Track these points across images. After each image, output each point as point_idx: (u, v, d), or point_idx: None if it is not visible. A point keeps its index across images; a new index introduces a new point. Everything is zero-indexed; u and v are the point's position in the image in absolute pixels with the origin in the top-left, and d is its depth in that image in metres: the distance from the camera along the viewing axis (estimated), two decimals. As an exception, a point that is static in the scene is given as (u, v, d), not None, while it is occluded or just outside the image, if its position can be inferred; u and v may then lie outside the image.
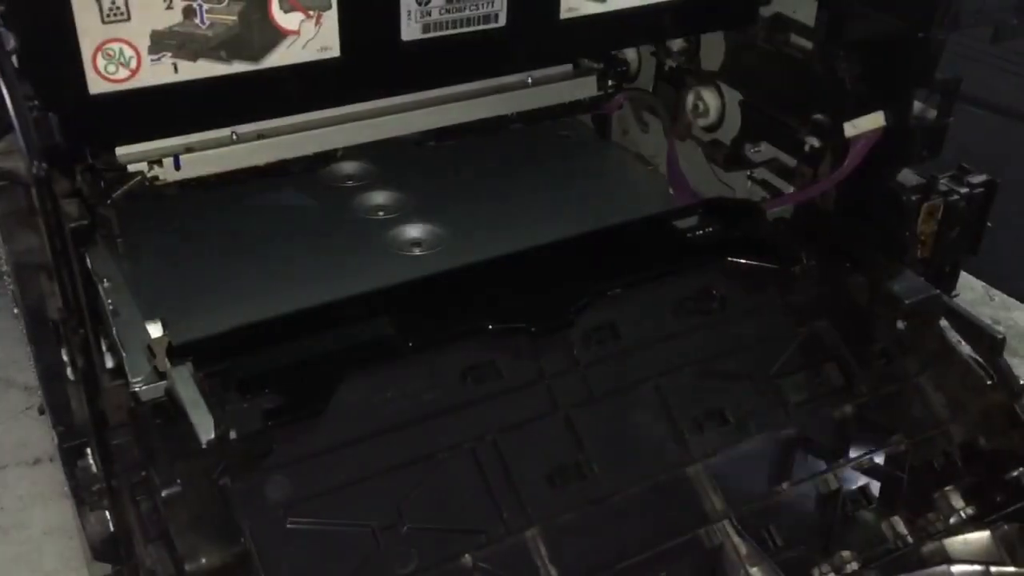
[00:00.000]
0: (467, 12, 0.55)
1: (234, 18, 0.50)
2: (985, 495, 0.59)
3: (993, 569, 0.55)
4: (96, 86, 0.48)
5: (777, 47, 0.65)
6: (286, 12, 0.51)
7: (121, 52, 0.48)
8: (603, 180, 0.80)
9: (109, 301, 0.53)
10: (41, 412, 0.82)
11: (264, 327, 0.58)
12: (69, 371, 0.55)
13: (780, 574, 0.52)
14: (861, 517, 0.58)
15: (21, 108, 0.43)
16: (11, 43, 0.45)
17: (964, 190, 0.63)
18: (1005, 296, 1.02)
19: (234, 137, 0.60)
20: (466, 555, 0.50)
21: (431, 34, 0.55)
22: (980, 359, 0.59)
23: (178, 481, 0.46)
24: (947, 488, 0.59)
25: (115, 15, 0.47)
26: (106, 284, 0.55)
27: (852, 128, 0.60)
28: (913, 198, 0.61)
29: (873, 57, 0.60)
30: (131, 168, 0.58)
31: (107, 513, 0.56)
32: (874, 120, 0.60)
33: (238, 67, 0.51)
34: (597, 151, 0.83)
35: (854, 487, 0.58)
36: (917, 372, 0.61)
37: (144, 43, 0.48)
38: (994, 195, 0.64)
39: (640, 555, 0.53)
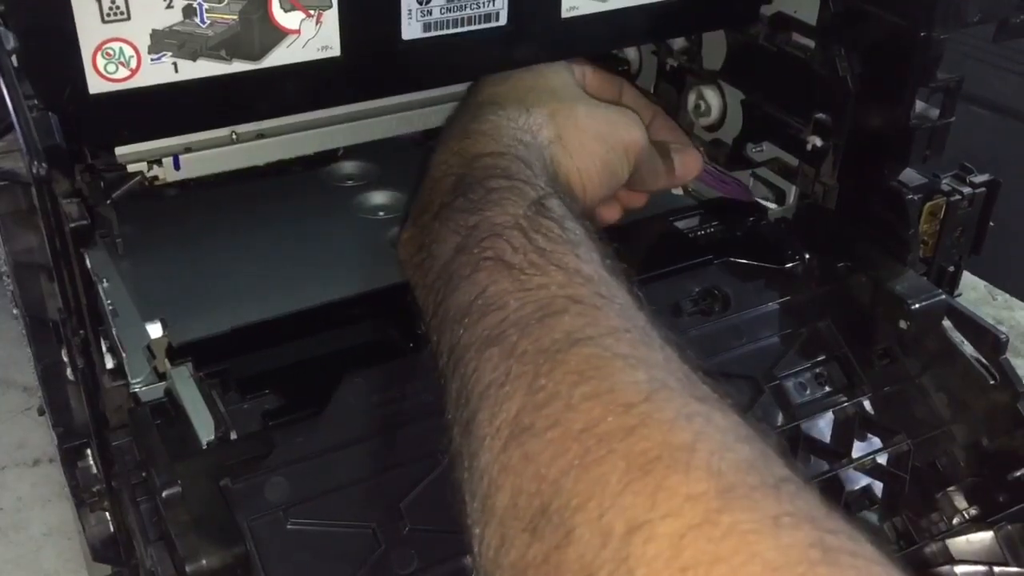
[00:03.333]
0: (468, 11, 0.55)
1: (234, 17, 0.49)
2: (988, 495, 0.58)
3: (996, 570, 0.55)
4: (96, 86, 0.48)
5: (778, 46, 0.65)
6: (286, 11, 0.50)
7: (121, 51, 0.48)
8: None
9: (109, 301, 0.53)
10: (40, 413, 0.82)
11: (264, 327, 0.58)
12: (69, 372, 0.55)
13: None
14: (864, 518, 0.58)
15: (21, 108, 0.43)
16: (11, 42, 0.45)
17: (967, 190, 0.63)
18: (1008, 296, 1.02)
19: (234, 137, 0.60)
20: (467, 556, 0.50)
21: (432, 33, 0.55)
22: (983, 359, 0.59)
23: (178, 482, 0.46)
24: (950, 488, 0.59)
25: (115, 14, 0.47)
26: (106, 284, 0.54)
27: None
28: (915, 198, 0.61)
29: (875, 56, 0.60)
30: (130, 168, 0.58)
31: (107, 514, 0.56)
32: None
33: (238, 67, 0.51)
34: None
35: (857, 488, 0.58)
36: (919, 372, 0.61)
37: (144, 42, 0.48)
38: (996, 195, 0.64)
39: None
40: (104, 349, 0.51)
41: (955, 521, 0.58)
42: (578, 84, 0.61)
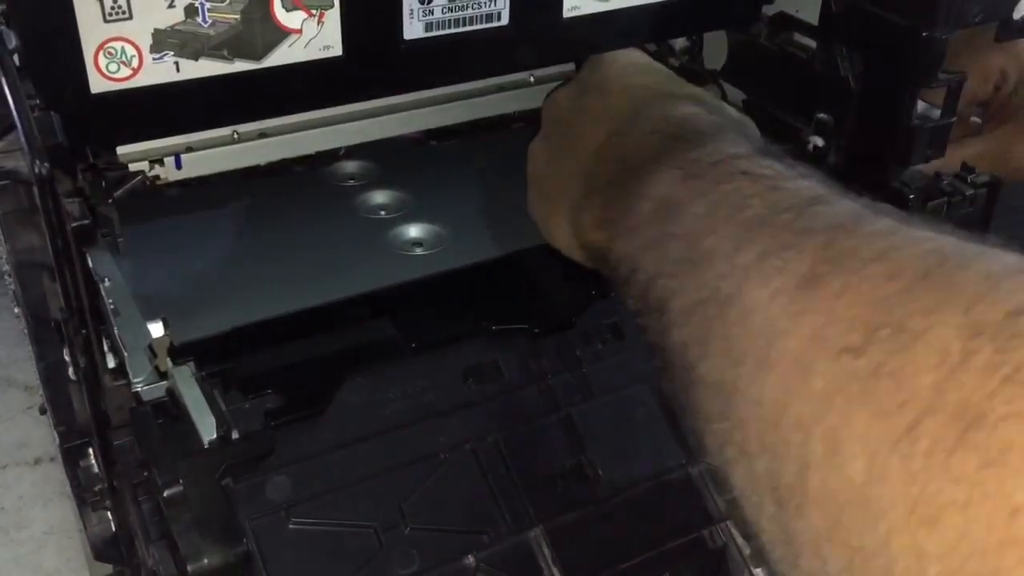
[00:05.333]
0: (469, 11, 0.55)
1: (236, 17, 0.49)
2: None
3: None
4: (98, 85, 0.48)
5: (780, 46, 0.65)
6: (288, 11, 0.51)
7: (123, 51, 0.48)
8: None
9: (110, 301, 0.53)
10: (42, 412, 0.82)
11: (265, 327, 0.58)
12: (71, 371, 0.55)
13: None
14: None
15: (23, 107, 0.43)
16: (12, 42, 0.45)
17: (968, 190, 0.62)
18: (1007, 296, 1.02)
19: (235, 136, 0.60)
20: (468, 556, 0.50)
21: (433, 33, 0.55)
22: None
23: (180, 481, 0.46)
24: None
25: (117, 14, 0.47)
26: (107, 284, 0.55)
27: None
28: (917, 198, 0.61)
29: (876, 56, 0.60)
30: (132, 167, 0.58)
31: (109, 513, 0.56)
32: None
33: (240, 66, 0.51)
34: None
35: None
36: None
37: (146, 42, 0.48)
38: (997, 195, 0.63)
39: (643, 555, 0.53)
40: (106, 348, 0.51)
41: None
42: None
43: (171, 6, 0.48)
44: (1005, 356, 0.27)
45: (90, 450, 0.56)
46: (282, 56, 0.51)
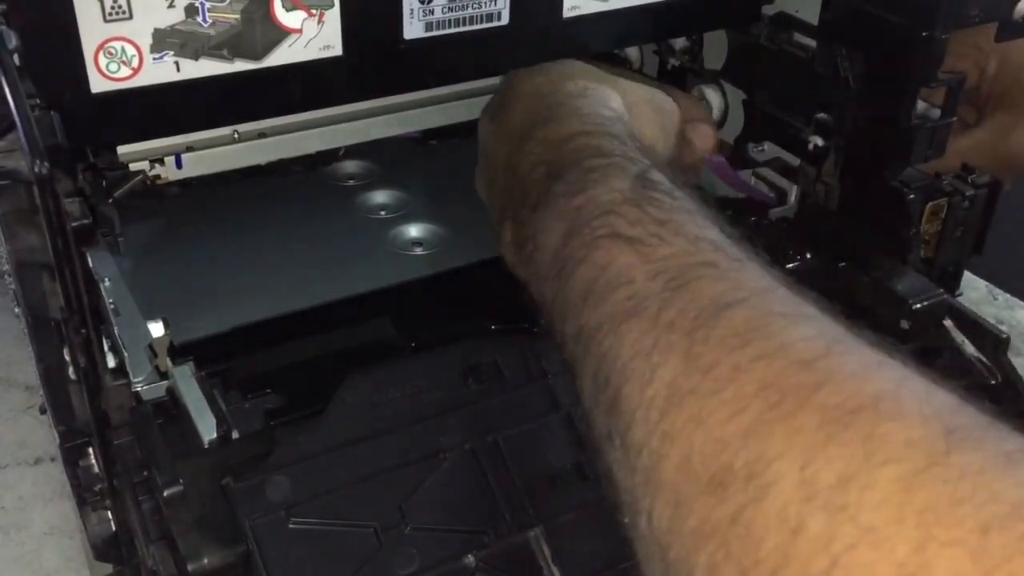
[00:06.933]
0: (470, 11, 0.55)
1: (236, 17, 0.49)
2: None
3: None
4: (98, 85, 0.48)
5: (780, 46, 0.65)
6: (288, 11, 0.51)
7: (123, 51, 0.48)
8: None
9: (111, 300, 0.53)
10: (42, 411, 0.82)
11: (265, 327, 0.58)
12: (71, 371, 0.55)
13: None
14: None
15: (23, 107, 0.43)
16: (12, 41, 0.45)
17: (968, 190, 0.63)
18: (1009, 296, 1.02)
19: (236, 136, 0.60)
20: (468, 555, 0.50)
21: (433, 33, 0.55)
22: (984, 359, 0.59)
23: (180, 481, 0.46)
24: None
25: (117, 13, 0.47)
26: (107, 283, 0.55)
27: None
28: (917, 197, 0.61)
29: (876, 56, 0.60)
30: (132, 167, 0.58)
31: (109, 513, 0.56)
32: None
33: (240, 66, 0.51)
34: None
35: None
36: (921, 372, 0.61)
37: (146, 41, 0.48)
38: (998, 194, 0.64)
39: (643, 555, 0.52)
40: (106, 348, 0.51)
41: (956, 521, 0.58)
42: None
43: (171, 6, 0.48)
44: (834, 530, 0.28)
45: (90, 450, 0.56)
46: (282, 56, 0.52)
